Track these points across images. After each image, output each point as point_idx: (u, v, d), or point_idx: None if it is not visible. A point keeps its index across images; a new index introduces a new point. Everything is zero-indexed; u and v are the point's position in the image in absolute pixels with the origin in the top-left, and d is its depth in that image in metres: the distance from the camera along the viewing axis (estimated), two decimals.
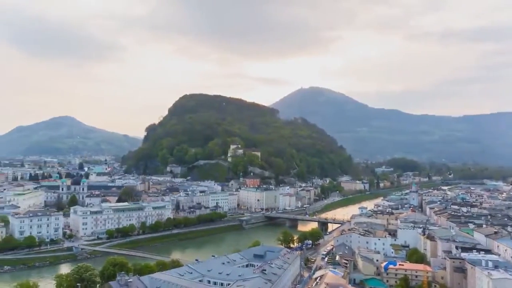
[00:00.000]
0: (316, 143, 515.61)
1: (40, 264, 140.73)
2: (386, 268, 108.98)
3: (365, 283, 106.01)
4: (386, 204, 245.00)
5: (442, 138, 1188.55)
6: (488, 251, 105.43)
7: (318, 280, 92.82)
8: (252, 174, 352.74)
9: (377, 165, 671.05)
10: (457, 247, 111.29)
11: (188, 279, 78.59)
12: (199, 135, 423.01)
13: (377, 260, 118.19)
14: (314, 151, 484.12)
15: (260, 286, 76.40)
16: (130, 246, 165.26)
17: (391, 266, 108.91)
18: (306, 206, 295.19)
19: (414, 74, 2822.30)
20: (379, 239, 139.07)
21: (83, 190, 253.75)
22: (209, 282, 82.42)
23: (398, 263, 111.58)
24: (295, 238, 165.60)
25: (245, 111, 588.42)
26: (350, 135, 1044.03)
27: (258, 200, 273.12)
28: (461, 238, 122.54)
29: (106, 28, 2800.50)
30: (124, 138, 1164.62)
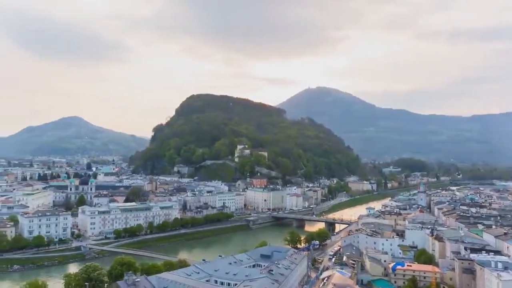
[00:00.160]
0: (323, 143, 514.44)
1: (48, 263, 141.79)
2: (394, 269, 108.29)
3: (372, 284, 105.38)
4: (394, 204, 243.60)
5: (451, 138, 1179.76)
6: (497, 252, 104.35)
7: (325, 280, 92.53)
8: (259, 174, 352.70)
9: (384, 165, 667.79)
10: (466, 248, 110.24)
11: (195, 279, 78.61)
12: (206, 135, 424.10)
13: (384, 260, 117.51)
14: (321, 151, 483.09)
15: (267, 287, 76.21)
16: (138, 246, 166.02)
17: (399, 267, 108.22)
18: (313, 206, 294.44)
19: (422, 74, 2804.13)
20: (387, 240, 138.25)
21: (91, 190, 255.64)
22: (216, 282, 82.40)
23: (406, 264, 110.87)
24: (302, 238, 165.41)
25: (252, 111, 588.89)
26: (357, 135, 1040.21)
27: (265, 200, 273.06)
28: (470, 239, 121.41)
29: (113, 28, 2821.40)
30: (131, 138, 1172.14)
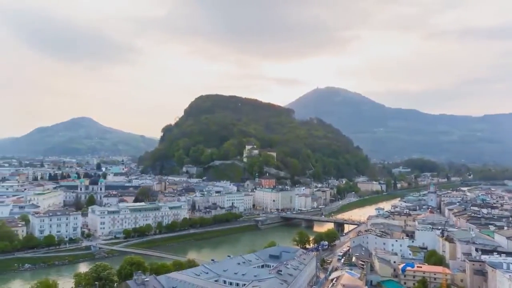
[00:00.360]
0: (332, 144, 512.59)
1: (59, 262, 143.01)
2: (404, 270, 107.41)
3: (382, 285, 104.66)
4: (404, 205, 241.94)
5: (461, 138, 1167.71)
6: (509, 254, 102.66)
7: (334, 281, 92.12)
8: (267, 174, 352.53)
9: (394, 165, 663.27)
10: (477, 250, 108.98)
11: (204, 279, 78.76)
12: (215, 136, 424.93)
13: (394, 261, 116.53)
14: (330, 152, 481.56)
15: (275, 287, 76.13)
16: (147, 245, 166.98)
17: (409, 268, 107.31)
18: (322, 206, 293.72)
19: (432, 74, 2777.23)
20: (396, 241, 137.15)
21: (101, 190, 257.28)
22: (224, 282, 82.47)
23: (416, 265, 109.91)
24: (311, 239, 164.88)
25: (260, 112, 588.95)
26: (366, 136, 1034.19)
27: (274, 200, 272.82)
28: (481, 240, 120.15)
29: (123, 30, 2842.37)
30: (140, 139, 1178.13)
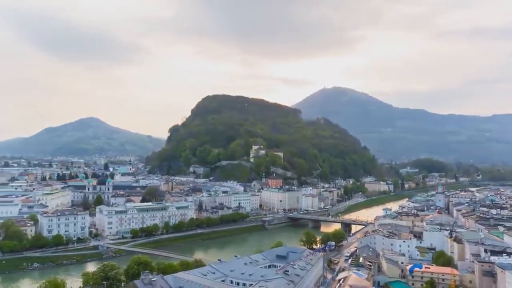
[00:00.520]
0: (339, 144, 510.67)
1: (67, 262, 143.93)
2: (412, 270, 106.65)
3: (389, 286, 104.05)
4: (411, 205, 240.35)
5: (470, 138, 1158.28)
6: None
7: (341, 281, 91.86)
8: (274, 174, 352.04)
9: (401, 165, 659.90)
10: (486, 251, 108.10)
11: (211, 279, 78.85)
12: (222, 136, 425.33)
13: (402, 262, 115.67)
14: (337, 152, 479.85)
15: (282, 287, 75.96)
16: (154, 245, 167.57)
17: (417, 269, 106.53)
18: (329, 207, 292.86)
19: (440, 73, 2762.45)
20: (404, 241, 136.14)
21: (108, 190, 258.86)
22: (231, 282, 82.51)
23: (424, 266, 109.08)
24: (318, 239, 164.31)
25: (267, 112, 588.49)
26: (374, 136, 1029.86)
27: (281, 200, 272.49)
28: (490, 241, 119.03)
29: (130, 30, 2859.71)
30: (147, 139, 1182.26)
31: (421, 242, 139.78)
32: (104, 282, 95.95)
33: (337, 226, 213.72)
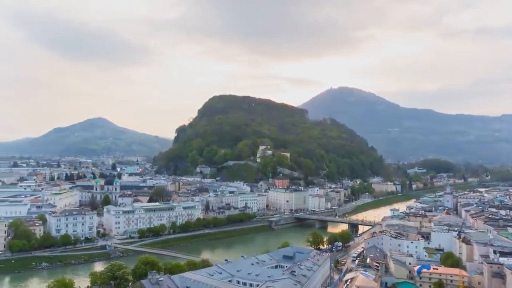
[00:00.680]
0: (345, 144, 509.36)
1: (75, 261, 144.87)
2: (419, 271, 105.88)
3: (397, 287, 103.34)
4: (419, 206, 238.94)
5: (478, 138, 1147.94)
6: None
7: (348, 282, 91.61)
8: (281, 174, 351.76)
9: (409, 166, 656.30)
10: (495, 252, 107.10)
11: (217, 279, 78.96)
12: (228, 136, 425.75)
13: (409, 263, 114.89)
14: (344, 152, 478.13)
15: None
16: (161, 245, 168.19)
17: (425, 270, 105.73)
18: (336, 207, 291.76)
19: (448, 73, 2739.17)
20: (412, 242, 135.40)
21: (116, 190, 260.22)
22: (238, 282, 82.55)
23: (432, 267, 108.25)
24: (325, 239, 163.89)
25: (274, 112, 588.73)
26: (381, 136, 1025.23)
27: (287, 201, 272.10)
28: (499, 242, 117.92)
29: (137, 31, 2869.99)
30: (155, 139, 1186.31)
31: (429, 243, 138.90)
32: (111, 281, 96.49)
33: (344, 227, 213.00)
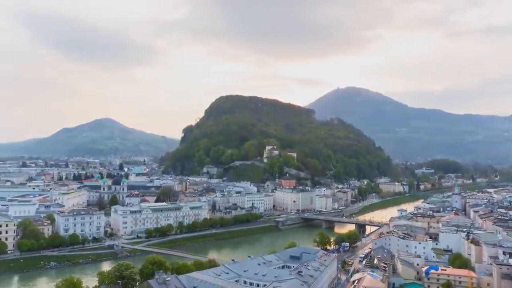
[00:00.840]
0: (353, 144, 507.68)
1: (83, 261, 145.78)
2: (427, 272, 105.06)
3: None
4: (427, 206, 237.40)
5: (487, 139, 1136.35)
6: None
7: (356, 283, 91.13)
8: (287, 175, 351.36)
9: (417, 166, 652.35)
10: (504, 253, 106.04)
11: (224, 279, 78.90)
12: (235, 136, 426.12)
13: (417, 264, 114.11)
14: (351, 152, 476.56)
15: None
16: (168, 245, 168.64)
17: (433, 271, 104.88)
18: (343, 207, 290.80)
19: (456, 73, 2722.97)
20: (420, 243, 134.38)
21: (123, 190, 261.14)
22: (245, 282, 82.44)
23: (440, 268, 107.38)
24: (332, 240, 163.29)
25: (280, 112, 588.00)
26: (389, 136, 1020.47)
27: (294, 201, 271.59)
28: (508, 243, 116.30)
29: (144, 32, 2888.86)
30: (162, 139, 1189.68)
31: (437, 244, 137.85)
32: (119, 281, 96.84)
33: (351, 227, 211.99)
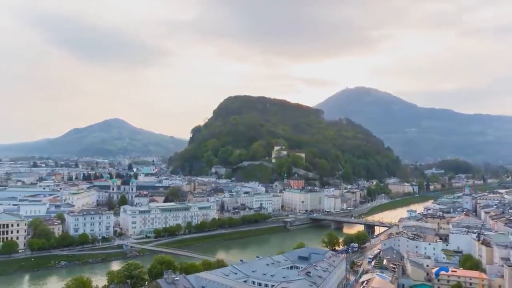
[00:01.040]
0: (361, 144, 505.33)
1: (93, 260, 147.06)
2: (437, 274, 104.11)
3: None
4: (437, 207, 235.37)
5: (498, 139, 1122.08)
6: None
7: (364, 284, 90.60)
8: (296, 175, 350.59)
9: (427, 167, 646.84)
10: None
11: (232, 279, 78.94)
12: (243, 136, 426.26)
13: (427, 265, 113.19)
14: (360, 152, 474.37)
15: None
16: (177, 245, 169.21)
17: (443, 272, 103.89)
18: (351, 208, 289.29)
19: (467, 72, 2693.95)
20: (430, 244, 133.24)
21: (132, 190, 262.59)
22: (253, 283, 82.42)
23: (451, 270, 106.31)
24: (341, 240, 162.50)
25: (289, 112, 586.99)
26: (398, 136, 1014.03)
27: (302, 201, 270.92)
28: None
29: (153, 33, 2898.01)
30: (170, 140, 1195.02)
31: (447, 245, 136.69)
32: (128, 280, 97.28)
33: (360, 228, 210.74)
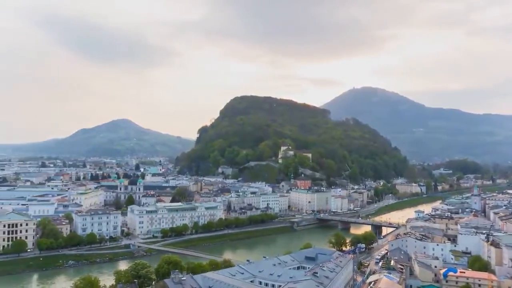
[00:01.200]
0: (368, 144, 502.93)
1: (100, 260, 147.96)
2: (446, 275, 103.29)
3: None
4: (445, 208, 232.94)
5: (507, 139, 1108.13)
6: None
7: (372, 285, 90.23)
8: (303, 175, 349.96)
9: (434, 167, 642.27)
10: None
11: (239, 279, 79.00)
12: (250, 137, 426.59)
13: (435, 266, 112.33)
14: (367, 153, 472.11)
15: None
16: (184, 245, 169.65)
17: (451, 273, 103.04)
18: (358, 208, 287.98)
19: (475, 72, 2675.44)
20: (438, 245, 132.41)
21: (139, 190, 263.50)
22: (260, 283, 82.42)
23: (459, 271, 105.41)
24: (348, 241, 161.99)
25: (295, 112, 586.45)
26: (405, 136, 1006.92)
27: (309, 202, 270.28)
28: None
29: (160, 34, 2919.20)
30: (177, 140, 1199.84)
31: (455, 246, 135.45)
32: (135, 280, 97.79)
33: (367, 228, 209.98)
